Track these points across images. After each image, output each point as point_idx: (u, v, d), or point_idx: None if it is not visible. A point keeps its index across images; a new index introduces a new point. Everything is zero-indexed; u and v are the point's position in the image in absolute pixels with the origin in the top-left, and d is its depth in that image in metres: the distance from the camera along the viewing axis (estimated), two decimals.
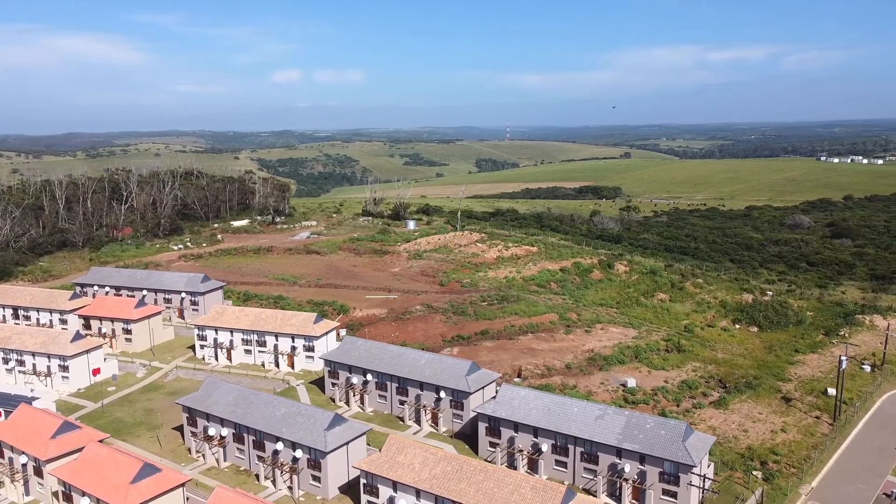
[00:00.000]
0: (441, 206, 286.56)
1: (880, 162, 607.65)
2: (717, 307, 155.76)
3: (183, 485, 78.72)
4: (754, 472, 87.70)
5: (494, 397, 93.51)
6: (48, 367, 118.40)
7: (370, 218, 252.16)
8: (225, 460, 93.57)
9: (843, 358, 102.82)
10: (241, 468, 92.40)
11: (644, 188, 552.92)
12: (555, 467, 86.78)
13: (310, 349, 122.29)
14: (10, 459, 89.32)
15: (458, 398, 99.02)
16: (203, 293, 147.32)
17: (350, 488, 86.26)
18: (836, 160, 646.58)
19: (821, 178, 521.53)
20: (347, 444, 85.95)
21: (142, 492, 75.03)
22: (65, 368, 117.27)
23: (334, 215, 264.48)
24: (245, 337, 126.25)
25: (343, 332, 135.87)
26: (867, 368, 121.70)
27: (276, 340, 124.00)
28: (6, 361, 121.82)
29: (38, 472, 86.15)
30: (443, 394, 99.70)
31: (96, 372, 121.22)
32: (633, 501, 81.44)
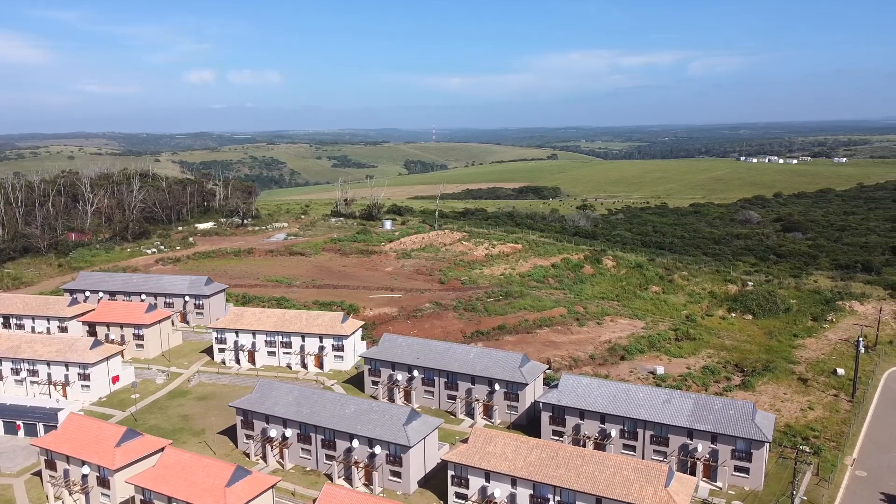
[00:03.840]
0: (410, 206, 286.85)
1: (795, 162, 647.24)
2: (707, 298, 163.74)
3: (273, 486, 77.49)
4: (802, 447, 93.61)
5: (556, 386, 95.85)
6: (66, 377, 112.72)
7: (342, 219, 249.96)
8: (289, 462, 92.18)
9: (861, 339, 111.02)
10: (308, 469, 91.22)
11: (581, 188, 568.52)
12: (623, 451, 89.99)
13: (339, 349, 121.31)
14: (66, 471, 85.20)
15: (514, 390, 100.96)
16: (208, 296, 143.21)
17: (427, 481, 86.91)
18: (754, 160, 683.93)
19: (745, 177, 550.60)
20: (424, 438, 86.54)
21: (238, 495, 73.44)
22: (85, 377, 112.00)
23: (302, 217, 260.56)
24: (268, 339, 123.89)
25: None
26: (861, 349, 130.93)
27: (303, 341, 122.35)
28: (16, 372, 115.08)
29: (104, 483, 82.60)
30: (497, 386, 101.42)
31: (115, 380, 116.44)
32: (705, 479, 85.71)
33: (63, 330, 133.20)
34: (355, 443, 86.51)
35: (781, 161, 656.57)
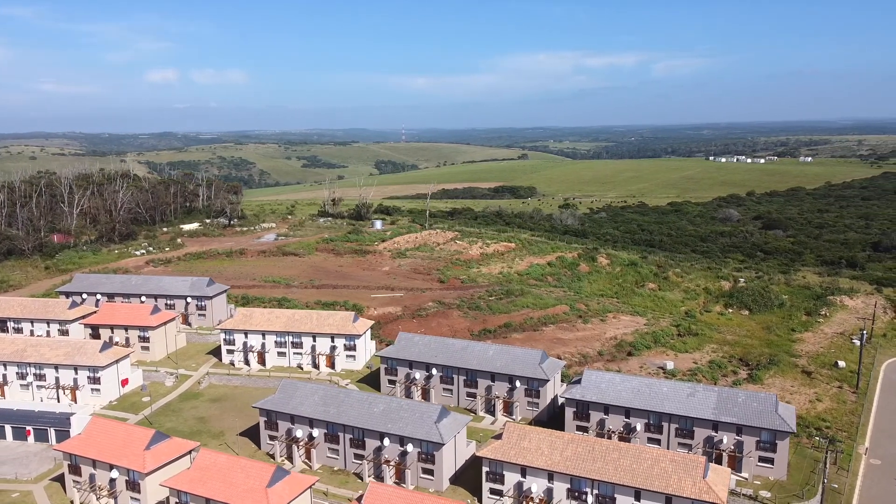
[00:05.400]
0: (398, 206, 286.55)
1: (762, 161, 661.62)
2: (703, 294, 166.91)
3: (311, 486, 77.24)
4: (819, 437, 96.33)
5: (579, 382, 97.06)
6: (75, 380, 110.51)
7: (330, 218, 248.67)
8: (316, 462, 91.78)
9: (864, 332, 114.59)
10: (336, 468, 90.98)
11: (556, 187, 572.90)
12: (647, 444, 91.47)
13: (351, 348, 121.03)
14: (92, 476, 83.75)
15: (534, 386, 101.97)
16: (211, 297, 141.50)
17: (458, 478, 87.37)
18: (723, 160, 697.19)
19: (716, 176, 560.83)
20: (455, 435, 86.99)
21: (280, 495, 73.13)
22: (96, 381, 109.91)
23: (289, 217, 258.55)
24: (279, 339, 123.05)
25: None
26: (856, 342, 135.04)
27: (314, 341, 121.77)
28: (22, 376, 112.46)
29: (133, 487, 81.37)
30: (518, 383, 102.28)
31: (125, 383, 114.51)
32: (730, 469, 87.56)
33: (64, 333, 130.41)
34: (386, 441, 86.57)
35: (749, 160, 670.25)
